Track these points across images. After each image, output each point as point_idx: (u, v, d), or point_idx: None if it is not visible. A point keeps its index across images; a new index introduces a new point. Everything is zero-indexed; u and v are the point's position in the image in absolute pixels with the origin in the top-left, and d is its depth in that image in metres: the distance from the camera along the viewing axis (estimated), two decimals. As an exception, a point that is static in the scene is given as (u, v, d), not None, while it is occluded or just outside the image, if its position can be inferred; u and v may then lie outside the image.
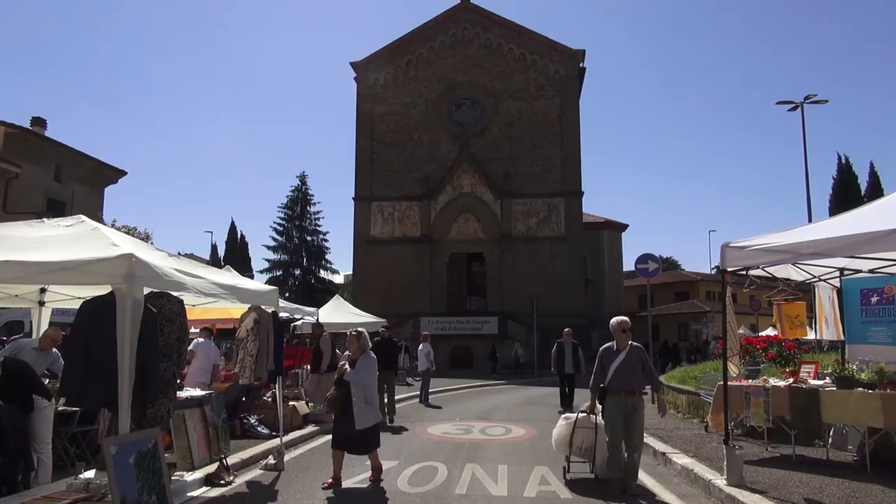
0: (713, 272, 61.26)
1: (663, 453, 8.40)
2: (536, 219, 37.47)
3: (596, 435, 7.08)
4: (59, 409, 7.27)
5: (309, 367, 12.70)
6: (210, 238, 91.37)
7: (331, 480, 6.95)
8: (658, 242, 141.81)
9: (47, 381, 7.83)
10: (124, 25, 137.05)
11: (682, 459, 7.88)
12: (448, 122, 38.86)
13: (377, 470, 7.26)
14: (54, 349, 8.06)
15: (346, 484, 7.10)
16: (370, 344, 7.29)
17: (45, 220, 7.04)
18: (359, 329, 7.29)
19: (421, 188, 37.91)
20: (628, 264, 49.70)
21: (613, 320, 7.11)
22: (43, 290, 8.27)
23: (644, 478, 7.44)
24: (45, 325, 8.72)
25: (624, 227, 50.91)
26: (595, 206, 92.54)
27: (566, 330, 14.61)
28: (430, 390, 16.82)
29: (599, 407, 7.12)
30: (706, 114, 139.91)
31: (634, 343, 6.95)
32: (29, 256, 5.54)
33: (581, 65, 39.28)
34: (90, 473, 6.22)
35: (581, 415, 7.33)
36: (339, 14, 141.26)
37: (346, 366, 7.07)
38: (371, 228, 38.15)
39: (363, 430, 6.86)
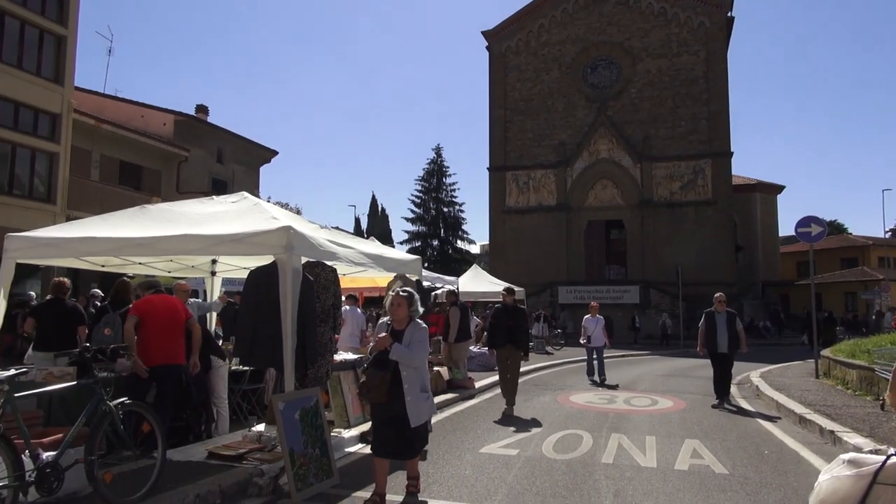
0: (888, 235, 55.12)
1: (831, 431, 7.73)
2: (680, 182, 35.54)
3: None
4: (232, 368, 8.03)
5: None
6: (353, 211, 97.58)
7: (377, 498, 4.96)
8: (820, 204, 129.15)
9: (220, 341, 8.68)
10: (268, 15, 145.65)
11: (853, 439, 7.20)
12: (583, 86, 37.66)
13: (416, 479, 5.28)
14: (190, 299, 8.90)
15: (491, 449, 7.24)
16: (420, 311, 5.29)
17: (213, 197, 7.73)
18: (408, 289, 5.33)
19: (556, 155, 37.23)
20: (785, 229, 45.98)
21: None
22: (214, 262, 9.11)
23: (809, 456, 6.94)
24: (216, 294, 9.65)
25: (779, 188, 46.98)
26: (746, 167, 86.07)
27: (717, 295, 10.93)
28: (570, 360, 16.59)
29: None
30: (874, 57, 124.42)
31: None
32: (203, 230, 6.12)
33: (729, 14, 36.32)
34: (260, 427, 6.84)
35: (892, 460, 3.45)
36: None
37: (387, 339, 4.95)
38: (506, 198, 38.14)
39: (416, 428, 4.94)
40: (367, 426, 7.55)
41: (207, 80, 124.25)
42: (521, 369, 10.45)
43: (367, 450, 7.05)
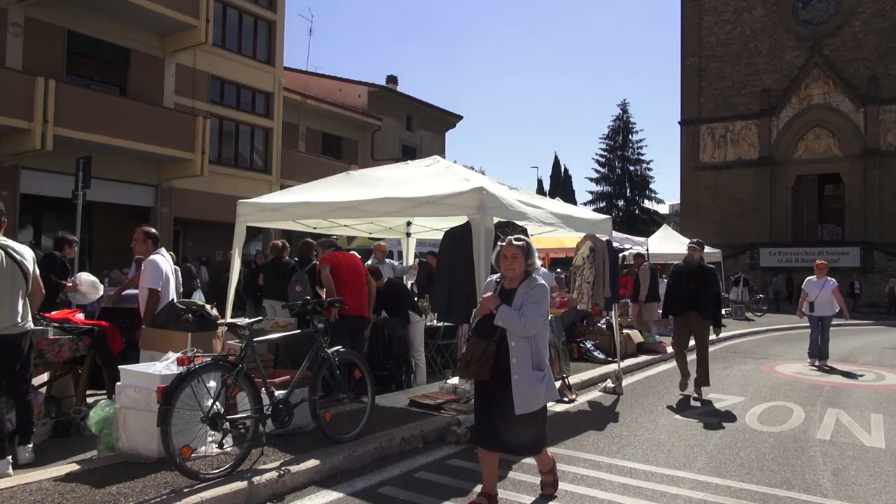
0: None
1: None
2: (916, 127, 30.51)
3: None
4: (427, 323, 8.49)
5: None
6: (535, 173, 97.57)
7: (482, 500, 4.00)
8: None
9: (415, 299, 9.21)
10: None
11: None
12: (793, 23, 33.49)
13: (550, 483, 4.31)
14: (386, 259, 9.69)
15: (688, 415, 6.94)
16: (539, 264, 4.16)
17: (409, 161, 8.13)
18: (523, 237, 4.16)
19: (759, 104, 33.74)
20: None
21: None
22: (409, 223, 9.62)
23: None
24: (412, 253, 10.22)
25: None
26: None
27: None
28: (774, 328, 15.18)
29: None
30: None
31: None
32: (401, 193, 6.48)
33: None
34: (455, 380, 7.17)
35: None
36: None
37: (492, 300, 3.93)
38: (700, 153, 35.51)
39: (526, 415, 3.84)
40: (556, 384, 7.61)
41: (396, 50, 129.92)
42: (718, 335, 8.67)
43: (557, 408, 7.14)
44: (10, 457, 4.30)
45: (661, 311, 13.39)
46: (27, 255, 4.53)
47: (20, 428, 4.56)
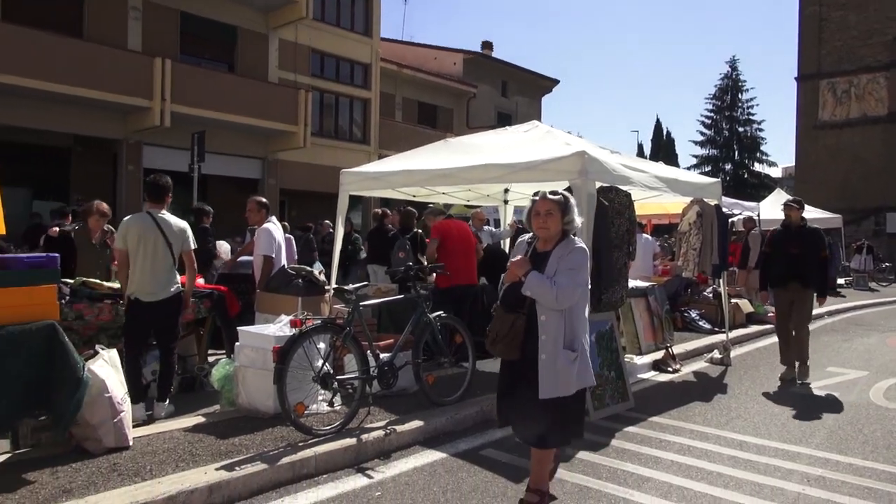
0: None
1: None
2: None
3: None
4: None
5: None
6: (636, 137, 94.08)
7: (533, 491, 3.46)
8: None
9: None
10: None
11: None
12: (933, -39, 30.00)
13: (540, 493, 3.45)
14: (485, 227, 9.82)
15: (803, 390, 6.56)
16: (578, 223, 3.50)
17: (507, 127, 8.04)
18: (560, 191, 3.52)
19: (889, 55, 30.62)
20: None
21: None
22: (506, 190, 9.56)
23: None
24: (508, 221, 10.17)
25: None
26: None
27: None
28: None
29: None
30: None
31: None
32: (500, 159, 6.43)
33: None
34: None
35: None
36: None
37: (521, 264, 3.37)
38: (819, 111, 32.82)
39: (549, 401, 3.25)
40: (658, 355, 7.42)
41: (491, 15, 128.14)
42: (835, 306, 7.37)
43: (660, 378, 6.98)
44: (143, 404, 4.71)
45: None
46: (175, 228, 4.90)
47: (160, 383, 4.97)
